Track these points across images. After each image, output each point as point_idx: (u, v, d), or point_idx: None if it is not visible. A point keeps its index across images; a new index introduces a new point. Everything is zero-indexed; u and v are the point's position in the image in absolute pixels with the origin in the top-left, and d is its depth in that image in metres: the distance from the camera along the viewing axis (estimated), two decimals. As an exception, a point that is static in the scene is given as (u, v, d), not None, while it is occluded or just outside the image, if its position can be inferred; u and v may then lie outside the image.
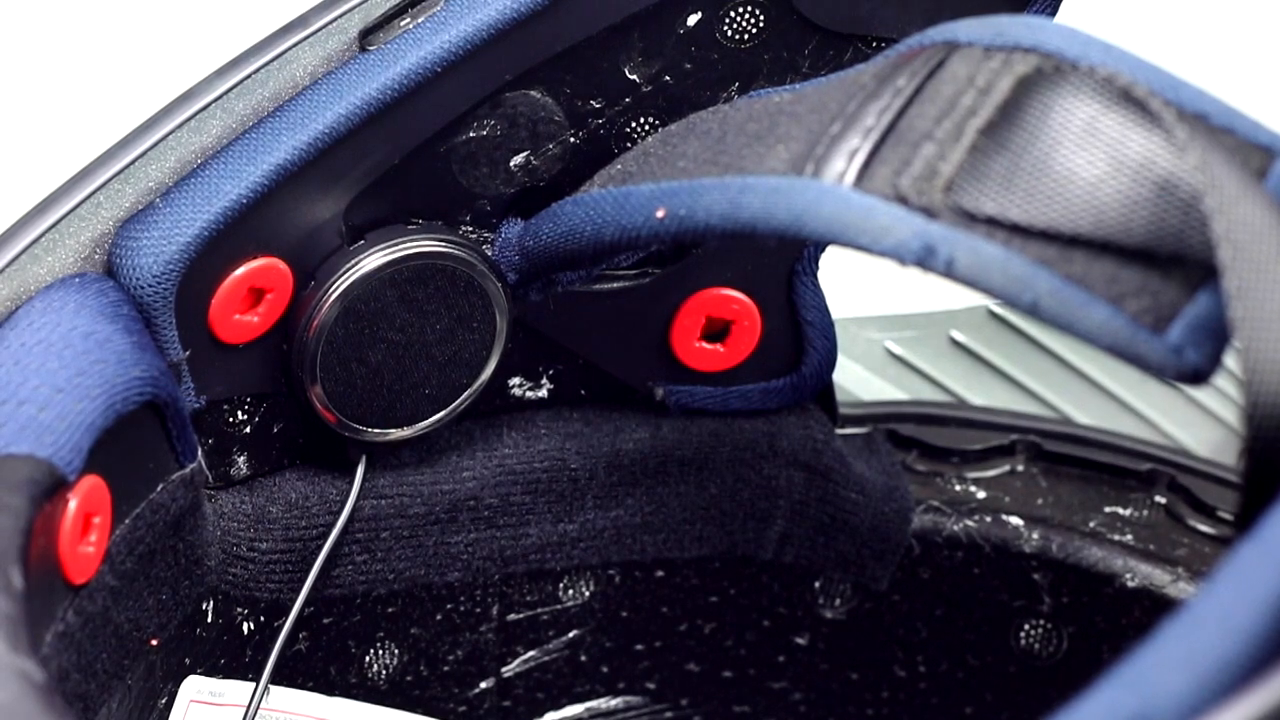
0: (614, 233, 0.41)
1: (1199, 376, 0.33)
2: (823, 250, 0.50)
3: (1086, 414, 0.68)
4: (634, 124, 0.46)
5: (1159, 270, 0.33)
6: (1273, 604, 0.26)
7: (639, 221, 0.40)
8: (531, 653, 0.54)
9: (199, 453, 0.45)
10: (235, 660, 0.48)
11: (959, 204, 0.34)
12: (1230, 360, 0.32)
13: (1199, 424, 0.69)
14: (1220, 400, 0.69)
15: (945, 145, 0.35)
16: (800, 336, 0.51)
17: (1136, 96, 0.34)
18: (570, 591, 0.53)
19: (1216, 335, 0.33)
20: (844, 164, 0.36)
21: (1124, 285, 0.33)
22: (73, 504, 0.38)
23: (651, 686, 0.55)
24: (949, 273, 0.34)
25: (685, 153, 0.41)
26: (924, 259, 0.34)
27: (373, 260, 0.45)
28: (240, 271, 0.44)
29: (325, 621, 0.50)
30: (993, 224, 0.34)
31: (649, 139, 0.45)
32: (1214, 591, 0.26)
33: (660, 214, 0.39)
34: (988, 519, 0.53)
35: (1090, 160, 0.33)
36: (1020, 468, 0.55)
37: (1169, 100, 0.34)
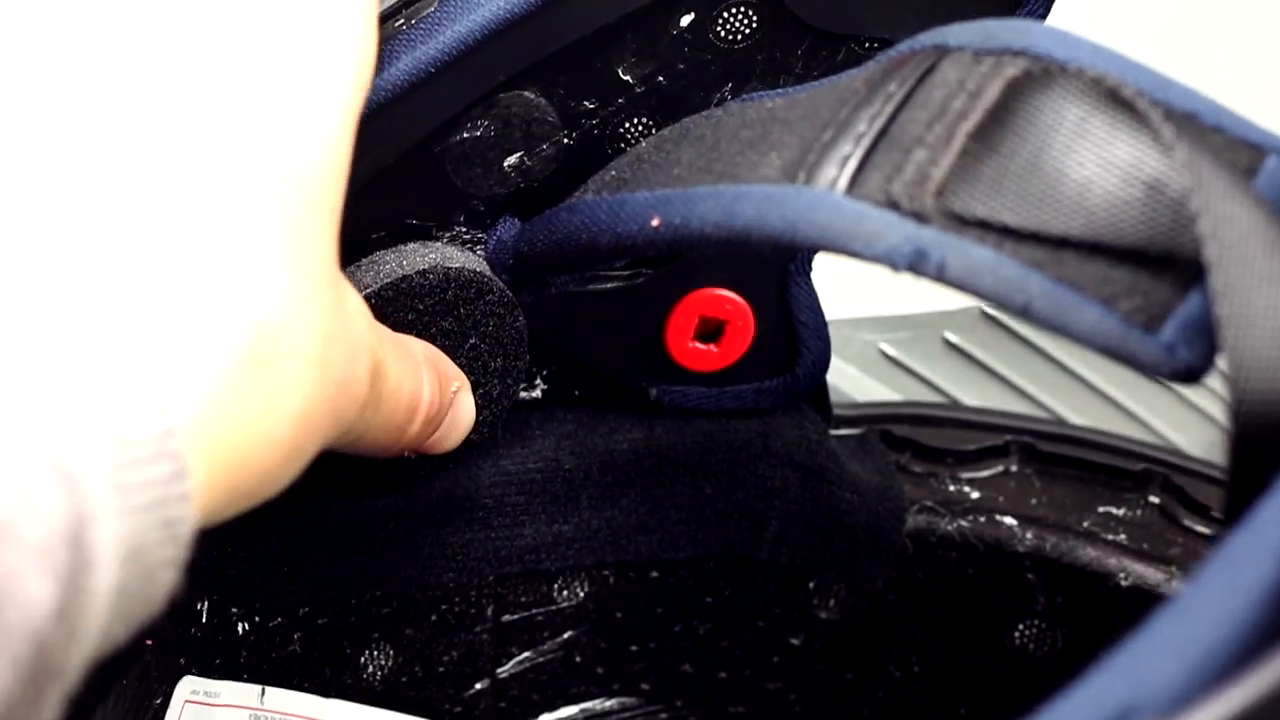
0: (609, 240, 0.41)
1: (1192, 374, 0.33)
2: (816, 251, 0.50)
3: (1080, 414, 0.68)
4: (627, 124, 0.46)
5: (1150, 270, 0.33)
6: (1262, 592, 0.26)
7: (634, 229, 0.40)
8: (526, 654, 0.54)
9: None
10: (230, 660, 0.48)
11: (950, 208, 0.34)
12: (1222, 360, 0.32)
13: (1192, 424, 0.69)
14: (1213, 400, 0.69)
15: (936, 150, 0.35)
16: (794, 337, 0.51)
17: (1124, 97, 0.34)
18: (565, 592, 0.53)
19: (1208, 333, 0.33)
20: (836, 171, 0.36)
21: (1116, 285, 0.33)
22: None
23: (646, 687, 0.55)
24: (941, 277, 0.34)
25: (680, 160, 0.41)
26: (916, 264, 0.34)
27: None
28: (235, 273, 0.44)
29: (320, 622, 0.50)
30: (984, 227, 0.34)
31: (643, 144, 0.45)
32: (1204, 581, 0.26)
33: (655, 222, 0.39)
34: (982, 519, 0.53)
35: (1079, 162, 0.33)
36: (1014, 468, 0.55)
37: (1157, 100, 0.34)
